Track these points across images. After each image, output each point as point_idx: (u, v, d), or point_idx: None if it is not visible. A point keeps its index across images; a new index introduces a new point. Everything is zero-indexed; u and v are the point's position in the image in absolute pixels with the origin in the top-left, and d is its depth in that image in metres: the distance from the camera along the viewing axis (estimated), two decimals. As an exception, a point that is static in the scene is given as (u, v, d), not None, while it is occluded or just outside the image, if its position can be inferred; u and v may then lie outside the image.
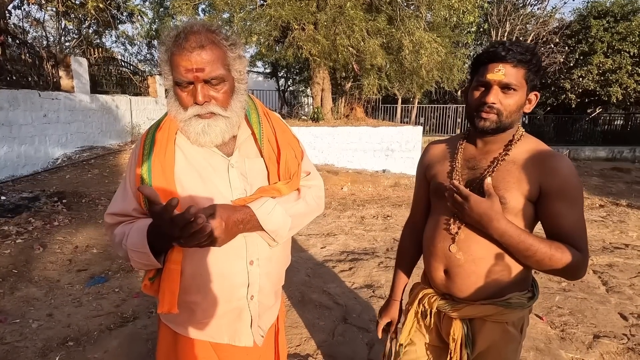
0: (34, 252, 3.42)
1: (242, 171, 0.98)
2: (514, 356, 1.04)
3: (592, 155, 12.40)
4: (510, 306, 0.99)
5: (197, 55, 0.86)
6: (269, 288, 1.02)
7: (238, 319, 0.99)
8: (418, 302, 1.12)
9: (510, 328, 1.01)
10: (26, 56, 6.60)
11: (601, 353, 2.21)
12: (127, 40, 12.32)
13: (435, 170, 1.11)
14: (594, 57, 12.94)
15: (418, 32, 7.75)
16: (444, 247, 1.02)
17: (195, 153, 0.97)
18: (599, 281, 3.21)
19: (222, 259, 0.95)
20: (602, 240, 4.35)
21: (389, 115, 14.09)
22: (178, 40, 0.87)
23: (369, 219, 5.02)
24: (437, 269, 1.05)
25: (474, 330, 1.02)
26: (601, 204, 6.45)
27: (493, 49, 0.94)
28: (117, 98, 8.42)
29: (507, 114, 0.96)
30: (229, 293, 0.97)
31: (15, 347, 2.13)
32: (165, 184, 0.92)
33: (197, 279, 0.95)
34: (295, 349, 2.21)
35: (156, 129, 0.98)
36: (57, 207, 4.48)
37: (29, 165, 5.90)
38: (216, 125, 0.92)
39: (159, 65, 0.93)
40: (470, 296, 1.00)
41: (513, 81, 0.93)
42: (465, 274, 0.99)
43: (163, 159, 0.93)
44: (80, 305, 2.63)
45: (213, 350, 1.01)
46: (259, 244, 0.98)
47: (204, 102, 0.90)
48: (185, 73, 0.87)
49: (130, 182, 0.97)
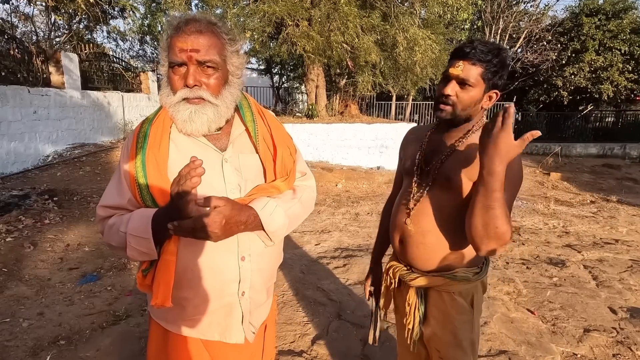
0: (24, 250, 3.37)
1: (236, 166, 0.97)
2: (467, 327, 1.13)
3: (583, 152, 12.54)
4: (455, 278, 1.10)
5: (195, 38, 0.87)
6: (260, 284, 1.02)
7: (229, 316, 0.98)
8: (385, 273, 1.28)
9: (458, 298, 1.12)
10: (15, 51, 6.47)
11: (591, 346, 2.25)
12: (118, 35, 12.14)
13: (407, 150, 1.26)
14: (586, 54, 13.06)
15: (412, 29, 7.75)
16: (401, 220, 1.16)
17: (189, 147, 0.96)
18: (590, 276, 3.26)
19: (213, 254, 0.94)
20: (592, 235, 4.41)
21: (384, 112, 14.09)
22: (179, 25, 0.89)
23: (364, 216, 5.03)
24: (395, 238, 1.20)
25: (427, 299, 1.16)
26: (592, 200, 6.54)
27: (460, 47, 1.04)
28: (109, 94, 8.31)
29: (462, 107, 1.04)
30: (220, 289, 0.96)
31: (5, 347, 2.10)
32: (159, 177, 0.91)
33: (188, 273, 0.94)
34: (289, 346, 2.21)
35: (151, 122, 0.96)
36: (48, 205, 4.42)
37: (18, 162, 5.81)
38: (204, 112, 0.91)
39: (159, 55, 0.94)
40: (422, 267, 1.13)
41: (469, 77, 1.01)
42: (414, 244, 1.12)
43: (157, 153, 0.92)
44: (72, 303, 2.60)
45: (204, 348, 1.00)
46: (250, 240, 0.97)
47: (194, 86, 0.89)
48: (180, 53, 0.87)
49: (125, 174, 0.95)
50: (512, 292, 2.94)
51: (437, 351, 1.14)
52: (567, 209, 5.75)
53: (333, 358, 2.11)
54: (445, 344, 1.12)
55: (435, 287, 1.13)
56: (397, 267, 1.22)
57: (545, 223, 4.91)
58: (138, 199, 0.93)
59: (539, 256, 3.72)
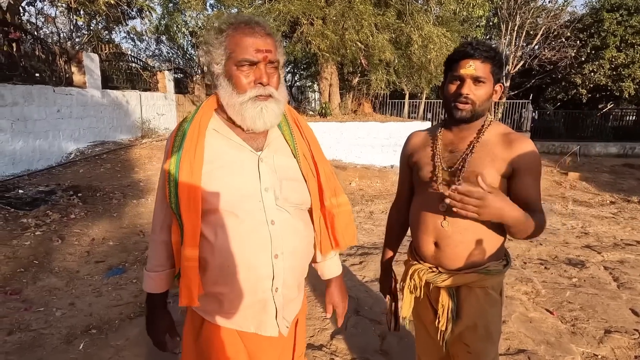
0: (52, 244, 3.52)
1: (272, 167, 1.01)
2: (497, 320, 1.18)
3: (602, 152, 12.23)
4: (489, 273, 1.13)
5: (266, 39, 0.94)
6: (292, 281, 1.05)
7: (263, 311, 1.02)
8: (409, 278, 1.25)
9: (492, 292, 1.15)
10: (40, 52, 6.70)
11: (612, 348, 2.23)
12: (136, 35, 12.41)
13: (418, 156, 1.24)
14: (606, 51, 12.73)
15: (427, 27, 7.70)
16: (435, 222, 1.15)
17: (224, 148, 1.00)
18: (610, 277, 3.21)
19: (248, 251, 0.97)
20: (613, 236, 4.33)
21: (397, 110, 14.03)
22: (249, 24, 0.94)
23: (378, 214, 5.05)
24: (428, 242, 1.18)
25: (460, 297, 1.16)
26: (612, 200, 6.41)
27: (463, 48, 1.10)
28: (127, 93, 8.51)
29: (480, 103, 1.10)
30: (254, 285, 0.99)
31: (41, 334, 2.22)
32: (192, 179, 0.94)
33: (224, 270, 0.98)
34: (309, 340, 2.26)
35: (190, 123, 1.00)
36: (72, 201, 4.58)
37: (43, 159, 6.02)
38: (272, 108, 0.97)
39: (207, 52, 0.96)
40: (457, 266, 1.14)
41: (482, 74, 1.08)
42: (453, 244, 1.13)
43: (192, 158, 0.95)
44: (100, 295, 2.71)
45: (239, 338, 1.04)
46: (283, 238, 1.00)
47: (267, 84, 0.95)
48: (256, 53, 0.93)
49: (162, 176, 1.01)
50: (530, 292, 2.92)
51: (466, 346, 1.15)
52: (586, 210, 5.65)
53: (352, 353, 2.15)
54: (477, 339, 1.14)
55: (467, 284, 1.15)
56: (422, 270, 1.21)
57: (563, 223, 4.84)
58: (167, 197, 0.97)
59: (558, 257, 3.69)
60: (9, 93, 5.47)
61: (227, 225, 0.96)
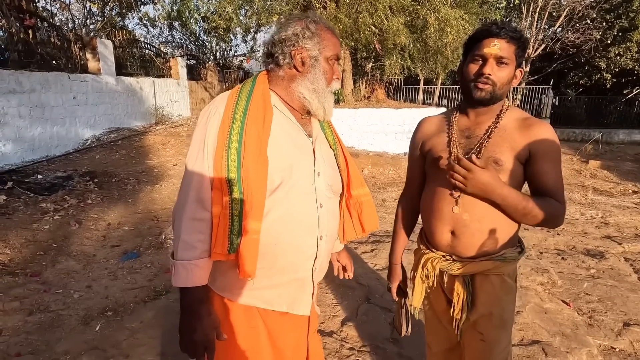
0: (70, 228, 3.61)
1: (321, 154, 1.08)
2: (511, 307, 1.17)
3: (626, 139, 11.76)
4: (505, 260, 1.12)
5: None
6: (326, 262, 1.11)
7: (301, 289, 1.05)
8: (422, 267, 1.22)
9: (507, 279, 1.14)
10: (55, 39, 6.77)
11: (631, 341, 2.17)
12: (149, 22, 12.40)
13: (432, 143, 1.20)
14: (635, 33, 12.09)
15: (444, 9, 7.43)
16: (450, 210, 1.12)
17: (286, 126, 1.02)
18: (631, 269, 3.11)
19: (298, 231, 1.00)
20: (634, 227, 4.18)
21: (411, 96, 13.73)
22: (331, 27, 1.05)
23: (390, 202, 5.00)
24: (443, 231, 1.14)
25: (475, 285, 1.14)
26: (635, 190, 6.18)
27: (487, 27, 1.06)
28: (141, 80, 8.56)
29: (500, 85, 1.06)
30: (298, 264, 1.02)
31: (60, 315, 2.29)
32: (260, 149, 0.92)
33: (271, 247, 0.97)
34: (319, 326, 2.27)
35: (250, 94, 0.98)
36: (89, 186, 4.68)
37: (61, 145, 6.15)
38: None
39: (302, 38, 1.00)
40: (472, 254, 1.12)
41: (506, 55, 1.03)
42: (470, 233, 1.10)
43: (261, 129, 0.94)
44: (116, 278, 2.78)
45: (260, 317, 1.02)
46: (328, 221, 1.05)
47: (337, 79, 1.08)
48: (338, 52, 1.06)
49: (207, 146, 0.94)
50: (546, 282, 2.86)
51: (480, 334, 1.14)
52: (607, 199, 5.46)
53: (362, 340, 2.16)
54: (491, 327, 1.13)
55: (483, 272, 1.12)
56: (436, 258, 1.18)
57: (582, 213, 4.70)
58: (220, 165, 0.91)
59: (575, 247, 3.59)
60: (27, 80, 5.56)
61: (283, 203, 0.97)
